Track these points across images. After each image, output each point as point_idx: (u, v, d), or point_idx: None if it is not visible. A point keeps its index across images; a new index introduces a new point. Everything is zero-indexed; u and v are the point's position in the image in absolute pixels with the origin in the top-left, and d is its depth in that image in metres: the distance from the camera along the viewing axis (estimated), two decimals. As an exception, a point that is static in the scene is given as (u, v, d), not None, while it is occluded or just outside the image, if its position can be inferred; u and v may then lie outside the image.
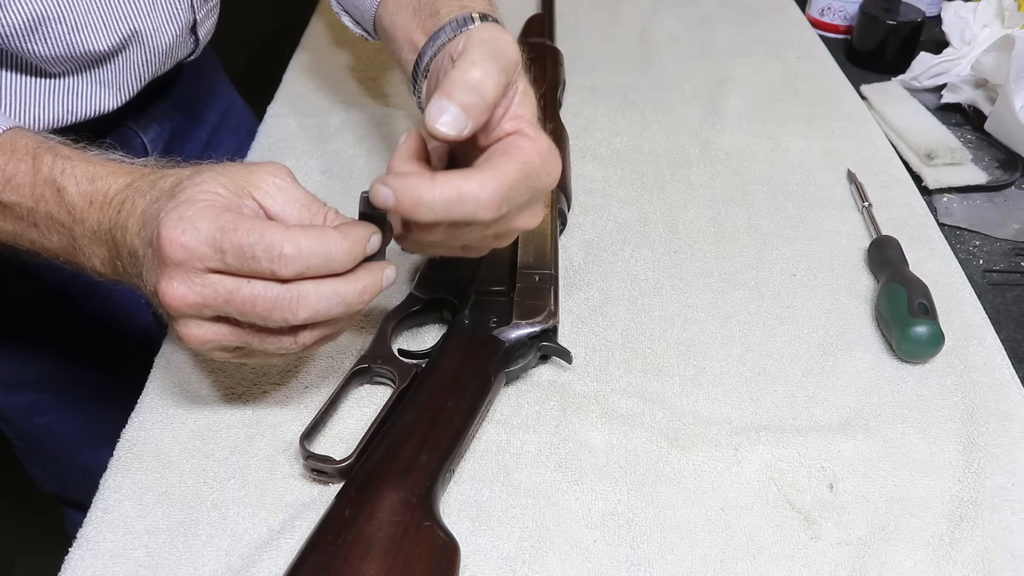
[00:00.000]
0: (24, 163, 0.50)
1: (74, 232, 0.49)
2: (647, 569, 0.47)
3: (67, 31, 0.59)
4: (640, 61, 0.97)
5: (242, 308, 0.44)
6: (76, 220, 0.49)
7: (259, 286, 0.44)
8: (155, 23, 0.65)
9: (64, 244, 0.50)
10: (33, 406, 0.84)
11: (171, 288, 0.44)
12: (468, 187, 0.44)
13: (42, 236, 0.50)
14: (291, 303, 0.44)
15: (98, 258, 0.49)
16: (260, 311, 0.44)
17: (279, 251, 0.43)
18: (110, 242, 0.48)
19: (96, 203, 0.48)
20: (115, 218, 0.48)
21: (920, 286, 0.62)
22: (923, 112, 0.89)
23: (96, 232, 0.49)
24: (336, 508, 0.46)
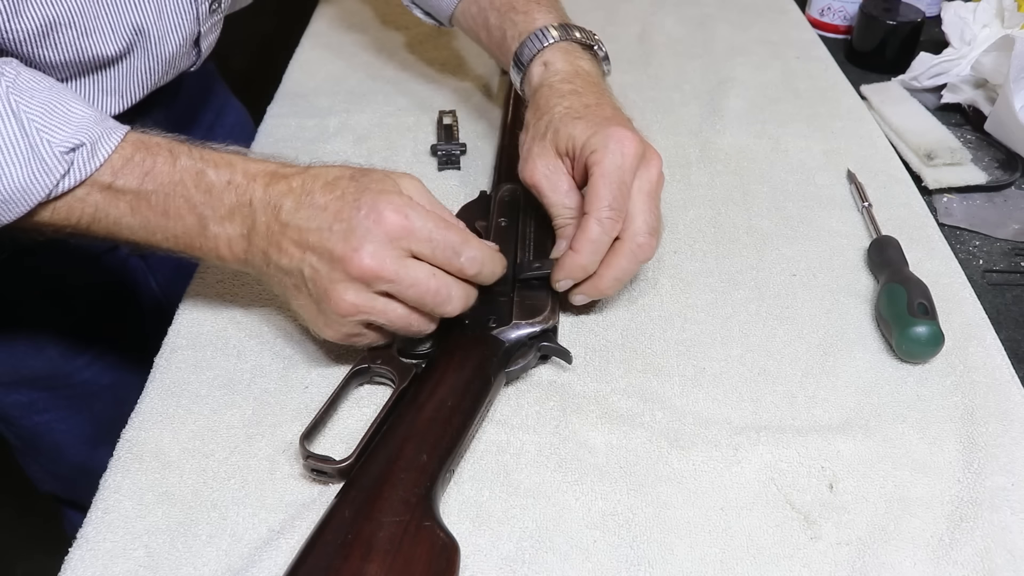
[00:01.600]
0: (161, 156, 0.54)
1: (205, 214, 0.53)
2: (647, 569, 0.47)
3: (76, 36, 0.60)
4: (640, 61, 0.97)
5: (421, 291, 0.52)
6: (212, 201, 0.53)
7: (446, 277, 0.53)
8: (160, 30, 0.66)
9: (193, 226, 0.54)
10: (32, 405, 0.84)
11: (371, 255, 0.50)
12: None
13: (171, 223, 0.54)
14: (461, 297, 0.54)
15: (228, 236, 0.54)
16: (433, 298, 0.52)
17: (471, 255, 0.53)
18: (249, 219, 0.53)
19: (234, 184, 0.53)
20: (263, 196, 0.53)
21: (920, 286, 0.62)
22: (923, 112, 0.89)
23: (233, 210, 0.53)
24: (336, 508, 0.46)
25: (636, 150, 0.58)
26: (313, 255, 0.51)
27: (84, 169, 0.52)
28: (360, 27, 1.02)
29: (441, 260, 0.52)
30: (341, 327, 0.53)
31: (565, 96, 0.64)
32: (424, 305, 0.53)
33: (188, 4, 0.67)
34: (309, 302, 0.53)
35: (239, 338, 0.61)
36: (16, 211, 0.51)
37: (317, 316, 0.53)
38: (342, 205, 0.52)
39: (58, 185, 0.51)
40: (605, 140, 0.58)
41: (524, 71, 0.68)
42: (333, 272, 0.51)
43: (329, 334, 0.54)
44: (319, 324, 0.54)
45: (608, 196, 0.57)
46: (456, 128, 0.82)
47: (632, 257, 0.59)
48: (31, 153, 0.50)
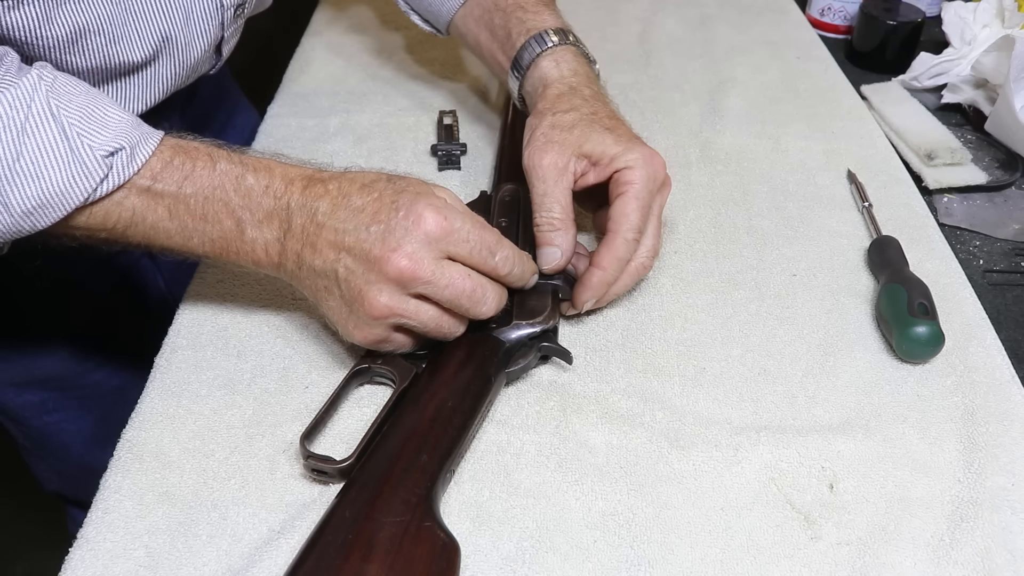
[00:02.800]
0: (200, 160, 0.54)
1: (243, 218, 0.54)
2: (647, 569, 0.47)
3: (105, 43, 0.60)
4: (640, 61, 0.97)
5: (457, 291, 0.52)
6: (251, 205, 0.54)
7: (481, 278, 0.53)
8: (186, 37, 0.66)
9: (231, 230, 0.54)
10: (43, 405, 0.85)
11: (409, 256, 0.50)
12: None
13: (210, 226, 0.54)
14: (495, 298, 0.54)
15: (264, 240, 0.54)
16: (469, 298, 0.53)
17: (505, 255, 0.54)
18: (285, 222, 0.53)
19: (272, 189, 0.54)
20: (299, 200, 0.53)
21: (920, 286, 0.62)
22: (923, 112, 0.89)
23: (271, 214, 0.53)
24: (336, 508, 0.46)
25: (662, 175, 0.61)
26: (348, 256, 0.51)
27: (123, 173, 0.51)
28: (361, 27, 1.02)
29: (477, 260, 0.53)
30: (372, 329, 0.53)
31: (588, 100, 0.64)
32: (459, 306, 0.53)
33: (214, 11, 0.67)
34: (341, 304, 0.53)
35: (239, 338, 0.61)
36: (54, 215, 0.51)
37: (348, 318, 0.53)
38: (380, 206, 0.52)
39: (97, 189, 0.51)
40: (640, 159, 0.60)
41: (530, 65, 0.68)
42: (369, 273, 0.51)
43: (358, 337, 0.54)
44: (349, 326, 0.53)
45: (637, 217, 0.59)
46: (456, 128, 0.82)
47: (635, 276, 0.61)
48: (71, 156, 0.50)
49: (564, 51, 0.68)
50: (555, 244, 0.59)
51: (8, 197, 0.49)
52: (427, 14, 0.81)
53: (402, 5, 0.83)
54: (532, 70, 0.67)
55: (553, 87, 0.65)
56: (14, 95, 0.49)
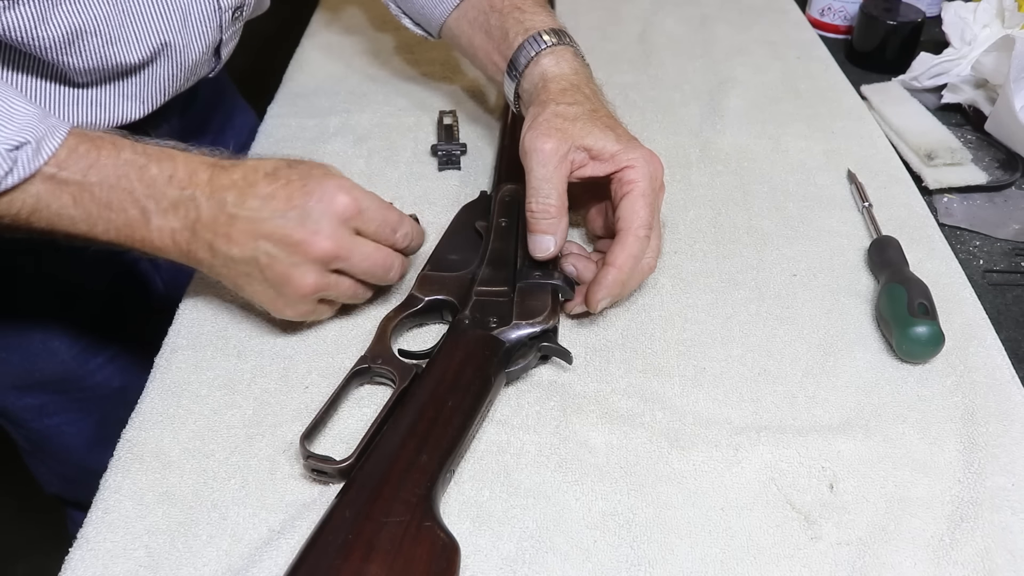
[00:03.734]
0: (106, 149, 0.54)
1: (148, 207, 0.54)
2: (647, 569, 0.47)
3: (102, 44, 0.60)
4: (640, 61, 0.97)
5: (371, 264, 0.57)
6: (155, 194, 0.54)
7: (387, 250, 0.59)
8: (184, 39, 0.66)
9: (136, 218, 0.54)
10: (43, 408, 0.85)
11: (329, 237, 0.54)
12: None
13: (114, 215, 0.54)
14: (399, 267, 0.60)
15: (171, 228, 0.55)
16: (381, 268, 0.58)
17: (405, 231, 0.60)
18: (193, 211, 0.54)
19: (176, 179, 0.54)
20: (206, 189, 0.54)
21: (920, 286, 0.62)
22: (923, 112, 0.89)
23: (176, 203, 0.54)
24: (336, 508, 0.46)
25: (661, 176, 0.62)
26: (267, 242, 0.54)
27: (28, 166, 0.51)
28: (361, 27, 1.02)
29: (382, 236, 0.58)
30: (301, 306, 0.57)
31: (589, 98, 0.65)
32: (373, 276, 0.58)
33: (212, 13, 0.67)
34: (265, 287, 0.56)
35: (239, 338, 0.61)
36: None
37: (276, 299, 0.56)
38: (290, 192, 0.54)
39: (0, 183, 0.51)
40: (642, 158, 0.60)
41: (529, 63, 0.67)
42: (293, 256, 0.54)
43: (290, 314, 0.58)
44: (279, 305, 0.57)
45: (647, 214, 0.60)
46: (456, 128, 0.82)
47: (641, 275, 0.62)
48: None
49: (564, 50, 0.68)
50: (549, 232, 0.59)
51: None
52: (419, 17, 0.80)
53: (393, 9, 0.82)
54: (532, 67, 0.67)
55: (555, 82, 0.65)
56: None
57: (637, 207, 0.59)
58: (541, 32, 0.68)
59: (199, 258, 0.56)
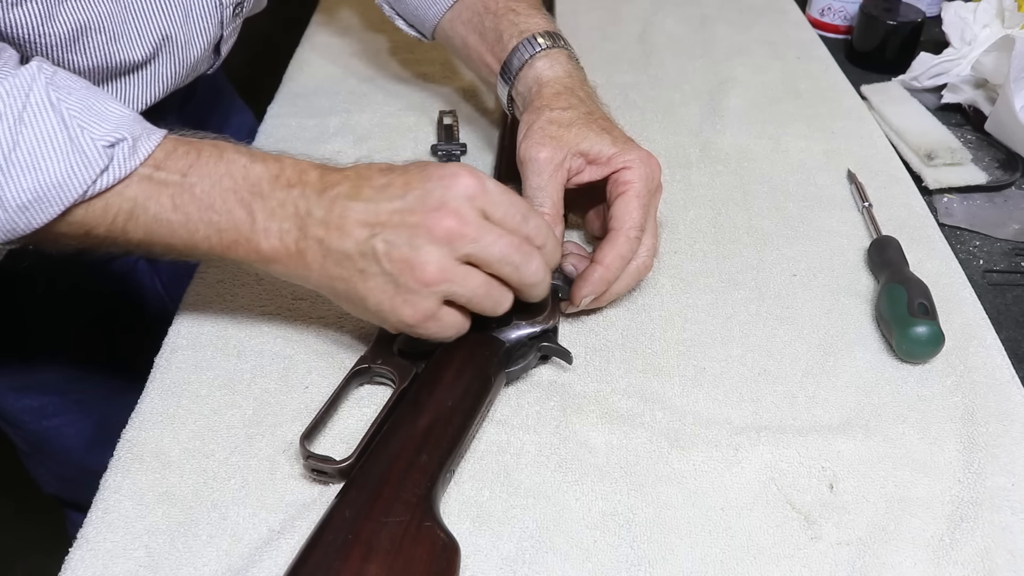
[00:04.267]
0: (206, 150, 0.52)
1: (254, 206, 0.51)
2: (647, 569, 0.47)
3: (105, 41, 0.60)
4: (640, 61, 0.97)
5: (504, 248, 0.50)
6: (262, 192, 0.51)
7: (519, 238, 0.51)
8: (186, 35, 0.66)
9: (242, 220, 0.51)
10: (43, 409, 0.84)
11: (454, 213, 0.49)
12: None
13: (217, 216, 0.51)
14: (538, 260, 0.52)
15: (279, 229, 0.51)
16: (516, 254, 0.51)
17: (538, 223, 0.53)
18: (303, 210, 0.51)
19: (284, 177, 0.51)
20: (316, 186, 0.51)
21: (920, 286, 0.62)
22: (923, 112, 0.89)
23: (284, 202, 0.51)
24: (336, 508, 0.46)
25: (658, 177, 0.61)
26: (385, 228, 0.49)
27: (125, 165, 0.49)
28: (360, 28, 1.02)
29: (511, 224, 0.51)
30: (423, 301, 0.50)
31: (583, 101, 0.65)
32: (509, 263, 0.51)
33: (213, 9, 0.67)
34: (383, 282, 0.50)
35: (239, 338, 0.61)
36: (50, 210, 0.48)
37: (395, 295, 0.50)
38: (407, 179, 0.50)
39: (97, 181, 0.48)
40: (638, 159, 0.60)
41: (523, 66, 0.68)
42: (414, 239, 0.49)
43: (408, 314, 0.50)
44: (397, 304, 0.50)
45: (639, 216, 0.59)
46: (456, 128, 0.82)
47: (636, 275, 0.62)
48: (70, 146, 0.47)
49: (558, 53, 0.68)
50: None
51: (2, 191, 0.47)
52: (412, 19, 0.80)
53: (387, 10, 0.82)
54: (526, 70, 0.67)
55: (549, 86, 0.66)
56: (12, 84, 0.47)
57: (631, 208, 0.59)
58: (536, 35, 0.68)
59: (309, 261, 0.51)
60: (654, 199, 0.62)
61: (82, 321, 0.82)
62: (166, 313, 0.64)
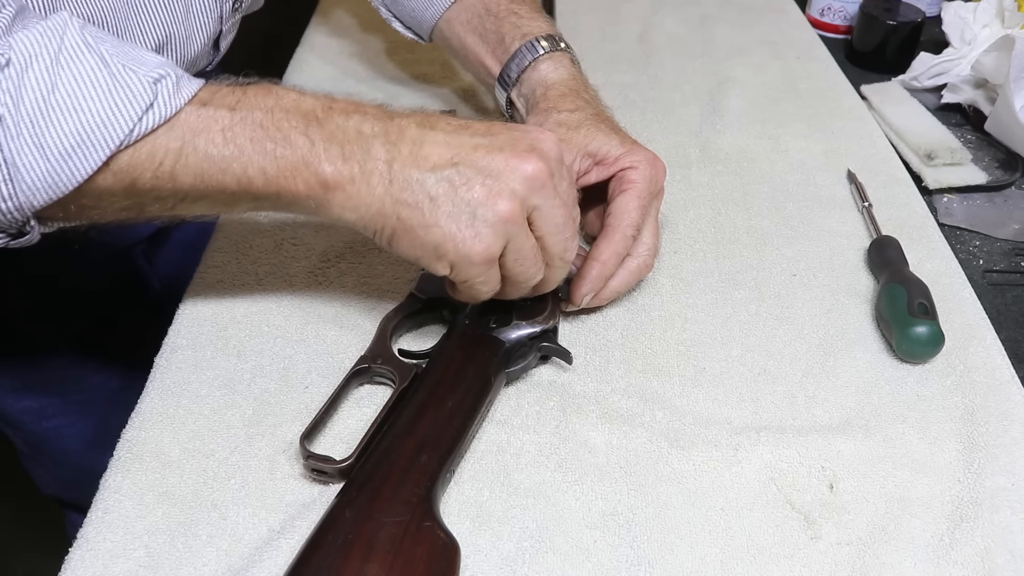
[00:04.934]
0: (253, 87, 0.50)
1: (311, 131, 0.48)
2: (647, 569, 0.47)
3: None
4: (640, 61, 0.97)
5: (561, 212, 0.51)
6: (318, 119, 0.48)
7: (569, 212, 0.52)
8: (186, 31, 0.66)
9: (302, 146, 0.48)
10: (42, 410, 0.84)
11: (544, 158, 0.49)
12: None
13: (272, 144, 0.48)
14: (577, 237, 0.54)
15: (341, 154, 0.48)
16: (568, 227, 0.52)
17: (577, 212, 0.54)
18: (366, 134, 0.48)
19: (337, 109, 0.49)
20: (377, 116, 0.49)
21: (920, 286, 0.62)
22: (923, 112, 0.89)
23: (344, 127, 0.48)
24: (336, 508, 0.46)
25: (662, 180, 0.62)
26: (471, 158, 0.48)
27: (170, 103, 0.46)
28: (360, 27, 1.02)
29: (571, 200, 0.52)
30: (495, 238, 0.48)
31: (589, 103, 0.65)
32: (561, 232, 0.51)
33: (212, 4, 0.67)
34: (457, 210, 0.48)
35: (239, 338, 0.61)
36: (95, 156, 0.44)
37: (467, 227, 0.48)
38: (490, 124, 0.51)
39: (143, 119, 0.45)
40: (644, 161, 0.61)
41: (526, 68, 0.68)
42: (503, 172, 0.48)
43: (479, 248, 0.48)
44: (467, 236, 0.48)
45: (637, 214, 0.60)
46: (456, 128, 0.82)
47: (636, 273, 0.62)
48: (113, 82, 0.44)
49: (561, 56, 0.68)
50: None
51: (43, 136, 0.43)
52: (409, 21, 0.80)
53: (383, 12, 0.82)
54: (529, 73, 0.67)
55: (555, 88, 0.66)
56: (45, 27, 0.44)
57: (630, 206, 0.60)
58: (539, 38, 0.68)
59: (373, 185, 0.48)
60: (655, 201, 0.62)
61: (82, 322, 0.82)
62: (166, 313, 0.64)
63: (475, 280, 0.51)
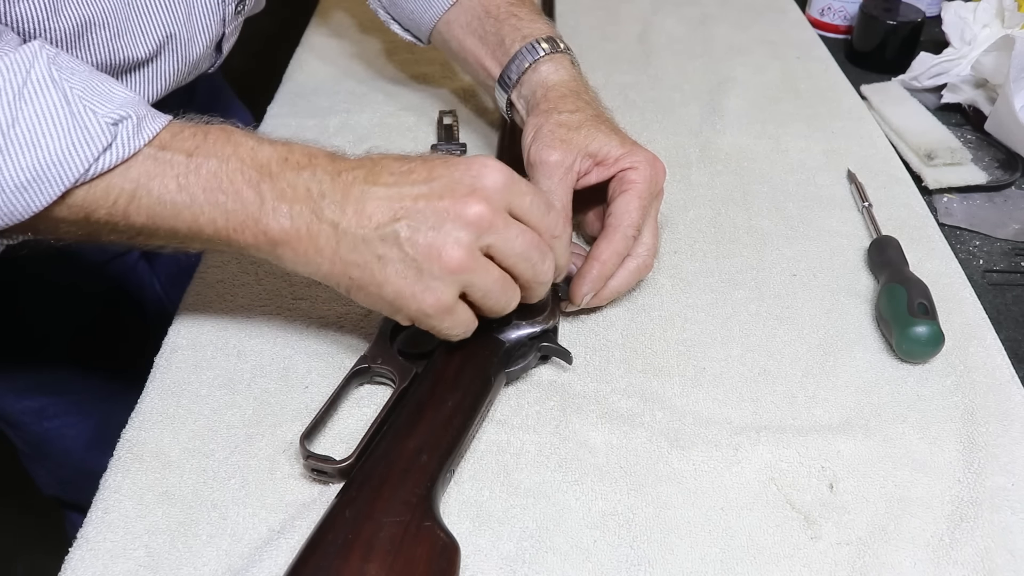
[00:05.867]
0: (213, 132, 0.50)
1: (263, 189, 0.49)
2: (647, 569, 0.47)
3: (109, 38, 0.60)
4: (640, 61, 0.97)
5: (527, 242, 0.50)
6: (271, 173, 0.49)
7: (536, 234, 0.51)
8: (188, 32, 0.66)
9: (251, 201, 0.49)
10: (43, 411, 0.84)
11: (485, 200, 0.48)
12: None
13: (224, 198, 0.48)
14: (551, 260, 0.52)
15: (290, 211, 0.49)
16: (534, 250, 0.50)
17: (558, 217, 0.53)
18: (315, 192, 0.49)
19: (293, 160, 0.50)
20: (328, 169, 0.49)
21: (920, 286, 0.62)
22: (923, 112, 0.89)
23: (294, 184, 0.49)
24: (336, 508, 0.46)
25: (662, 181, 0.62)
26: (411, 213, 0.48)
27: (129, 144, 0.47)
28: (360, 27, 1.02)
29: (536, 216, 0.51)
30: (446, 289, 0.49)
31: (590, 104, 0.65)
32: (527, 260, 0.50)
33: (215, 7, 0.67)
34: (405, 268, 0.48)
35: (239, 338, 0.61)
36: (50, 191, 0.45)
37: (417, 281, 0.48)
38: (432, 166, 0.49)
39: (99, 160, 0.46)
40: (644, 161, 0.61)
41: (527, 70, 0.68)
42: (443, 224, 0.48)
43: (430, 301, 0.49)
44: (417, 292, 0.48)
45: (637, 214, 0.60)
46: (456, 128, 0.82)
47: (636, 273, 0.62)
48: (73, 122, 0.45)
49: (561, 58, 0.68)
50: None
51: (0, 169, 0.44)
52: (408, 23, 0.80)
53: (382, 15, 0.82)
54: (529, 74, 0.67)
55: (555, 89, 0.66)
56: (12, 60, 0.45)
57: (631, 206, 0.60)
58: (539, 40, 0.68)
59: (321, 246, 0.49)
60: (655, 202, 0.62)
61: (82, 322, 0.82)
62: (166, 313, 0.64)
63: (441, 327, 0.51)
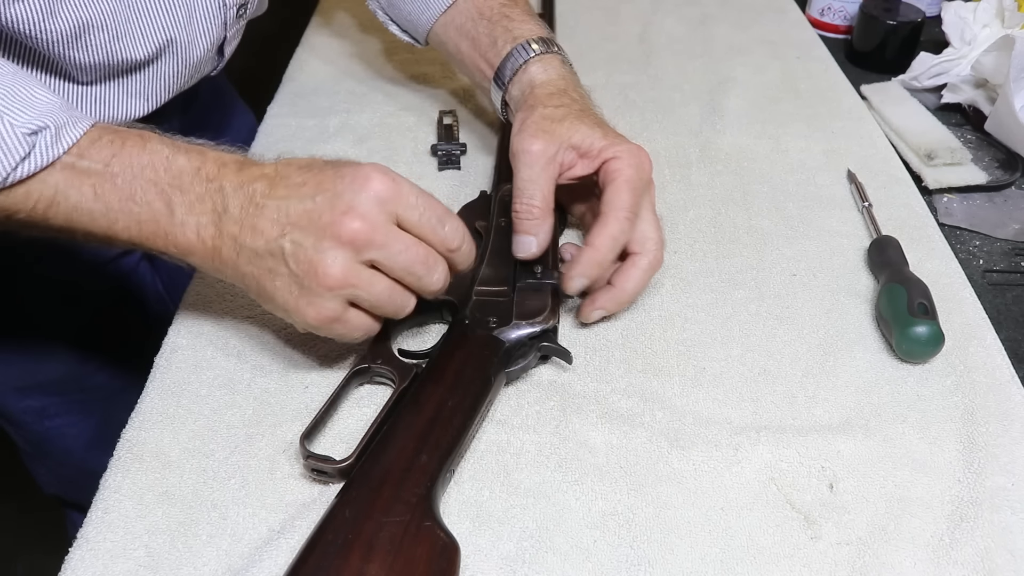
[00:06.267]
0: (131, 140, 0.51)
1: (174, 199, 0.51)
2: (647, 569, 0.47)
3: (108, 39, 0.60)
4: (640, 61, 0.97)
5: (412, 256, 0.50)
6: (182, 185, 0.51)
7: (427, 246, 0.51)
8: (189, 36, 0.66)
9: (160, 212, 0.51)
10: (44, 410, 0.85)
11: (362, 217, 0.49)
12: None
13: (137, 207, 0.51)
14: (444, 271, 0.52)
15: (196, 223, 0.51)
16: (422, 265, 0.51)
17: (455, 226, 0.52)
18: (220, 205, 0.51)
19: (204, 171, 0.51)
20: (234, 181, 0.51)
21: (920, 286, 0.62)
22: (923, 112, 0.89)
23: (203, 196, 0.51)
24: (336, 508, 0.46)
25: (649, 170, 0.61)
26: (295, 229, 0.49)
27: (46, 154, 0.48)
28: (360, 27, 1.02)
29: (426, 228, 0.51)
30: (326, 304, 0.50)
31: (576, 101, 0.65)
32: (412, 274, 0.51)
33: (216, 10, 0.67)
34: (289, 283, 0.50)
35: (239, 338, 0.61)
36: None
37: (299, 296, 0.50)
38: (323, 178, 0.50)
39: (17, 169, 0.48)
40: (627, 151, 0.61)
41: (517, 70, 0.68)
42: (320, 242, 0.49)
43: (312, 315, 0.50)
44: (300, 306, 0.50)
45: (629, 198, 0.59)
46: (456, 128, 0.82)
47: (650, 269, 0.62)
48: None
49: (551, 58, 0.68)
50: (531, 233, 0.59)
51: None
52: (406, 24, 0.80)
53: (380, 16, 0.82)
54: (520, 75, 0.68)
55: (542, 87, 0.66)
56: None
57: (620, 192, 0.59)
58: (529, 40, 0.68)
59: (224, 257, 0.51)
60: (647, 191, 0.62)
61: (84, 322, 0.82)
62: (166, 313, 0.64)
63: (333, 335, 0.53)
